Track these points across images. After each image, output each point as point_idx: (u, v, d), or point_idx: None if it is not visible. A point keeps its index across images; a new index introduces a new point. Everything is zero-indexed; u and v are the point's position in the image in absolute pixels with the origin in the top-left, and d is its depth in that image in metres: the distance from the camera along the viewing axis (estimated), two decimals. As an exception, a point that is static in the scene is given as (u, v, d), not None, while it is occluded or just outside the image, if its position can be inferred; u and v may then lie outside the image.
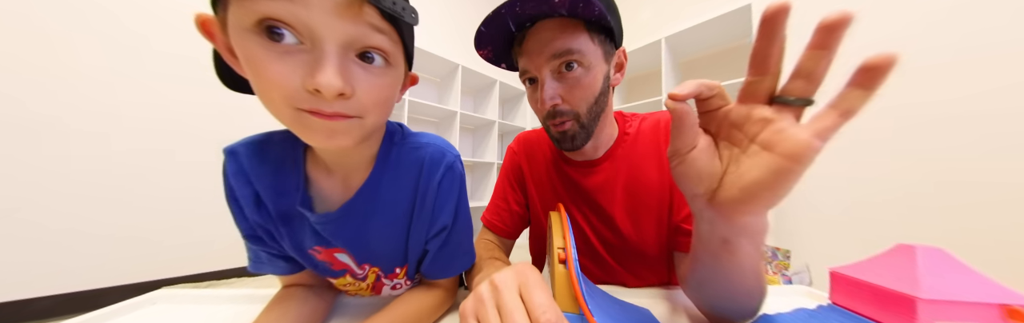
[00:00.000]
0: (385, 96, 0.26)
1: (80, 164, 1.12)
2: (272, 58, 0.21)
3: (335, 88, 0.21)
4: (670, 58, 1.67)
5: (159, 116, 1.27)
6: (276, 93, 0.22)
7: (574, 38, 0.36)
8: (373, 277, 0.39)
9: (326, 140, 0.24)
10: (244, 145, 0.33)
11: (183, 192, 1.31)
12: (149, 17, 1.25)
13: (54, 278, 1.08)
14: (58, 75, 1.09)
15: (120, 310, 0.36)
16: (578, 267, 0.26)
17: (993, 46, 0.97)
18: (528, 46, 0.38)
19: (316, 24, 0.20)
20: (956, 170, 1.01)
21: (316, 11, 0.20)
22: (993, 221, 0.94)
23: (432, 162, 0.34)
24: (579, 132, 0.40)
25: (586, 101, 0.39)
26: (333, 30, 0.21)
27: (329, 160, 0.33)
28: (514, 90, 2.53)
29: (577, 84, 0.38)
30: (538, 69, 0.38)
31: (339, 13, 0.21)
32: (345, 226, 0.33)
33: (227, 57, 0.25)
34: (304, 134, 0.24)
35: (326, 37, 0.21)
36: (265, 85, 0.22)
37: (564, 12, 0.35)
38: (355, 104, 0.23)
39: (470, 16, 2.61)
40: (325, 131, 0.23)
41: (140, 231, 1.22)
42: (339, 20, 0.21)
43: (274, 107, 0.23)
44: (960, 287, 0.26)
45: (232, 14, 0.21)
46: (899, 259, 0.30)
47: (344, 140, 0.25)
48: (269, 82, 0.21)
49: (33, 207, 1.05)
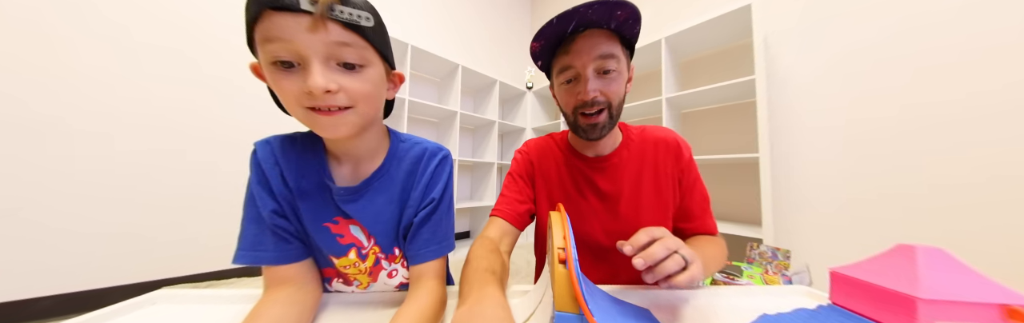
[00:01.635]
0: (368, 90, 0.33)
1: (81, 164, 1.12)
2: (284, 77, 0.30)
3: (320, 87, 0.29)
4: (670, 58, 1.67)
5: (160, 116, 1.27)
6: (290, 99, 0.31)
7: (615, 46, 0.46)
8: (373, 258, 0.43)
9: (331, 131, 0.33)
10: (275, 138, 0.41)
11: (183, 192, 1.31)
12: (149, 18, 1.25)
13: (54, 278, 1.08)
14: (59, 75, 1.09)
15: (120, 310, 0.36)
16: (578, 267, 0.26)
17: (994, 46, 0.97)
18: (578, 46, 0.46)
19: (300, 48, 0.28)
20: (956, 170, 1.01)
21: (298, 38, 0.28)
22: (993, 221, 0.94)
23: (431, 153, 0.45)
24: (607, 123, 0.49)
25: (617, 98, 0.48)
26: (311, 49, 0.29)
27: (339, 151, 0.41)
28: (514, 90, 2.53)
29: (612, 83, 0.47)
30: (584, 66, 0.46)
31: (312, 31, 0.28)
32: (362, 198, 0.41)
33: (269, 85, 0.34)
34: (314, 127, 0.33)
35: (308, 55, 0.29)
36: (283, 95, 0.31)
37: (613, 25, 0.45)
38: (343, 97, 0.31)
39: (470, 17, 2.61)
40: (329, 124, 0.32)
41: (140, 231, 1.22)
42: (313, 38, 0.29)
43: (292, 110, 0.32)
44: (960, 287, 0.26)
45: (260, 58, 0.31)
46: (899, 259, 0.30)
47: (344, 130, 0.33)
48: (285, 92, 0.31)
49: (34, 207, 1.05)
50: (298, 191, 0.39)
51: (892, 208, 1.11)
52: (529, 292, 0.39)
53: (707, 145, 1.65)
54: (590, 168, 0.55)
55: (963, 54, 1.01)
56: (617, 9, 0.42)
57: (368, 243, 0.43)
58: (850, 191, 1.20)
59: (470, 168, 2.52)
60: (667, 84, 1.61)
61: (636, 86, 2.13)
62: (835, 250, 1.23)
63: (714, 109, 1.68)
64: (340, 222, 0.41)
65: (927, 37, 1.08)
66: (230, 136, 1.43)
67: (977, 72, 0.99)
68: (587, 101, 0.46)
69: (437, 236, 0.42)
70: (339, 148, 0.41)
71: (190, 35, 1.34)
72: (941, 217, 1.02)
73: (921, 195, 1.06)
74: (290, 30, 0.28)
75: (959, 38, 1.02)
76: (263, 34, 0.29)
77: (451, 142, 2.09)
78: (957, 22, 1.03)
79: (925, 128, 1.07)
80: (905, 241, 0.32)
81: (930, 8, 1.08)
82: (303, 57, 0.29)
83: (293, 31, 0.28)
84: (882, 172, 1.14)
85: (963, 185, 0.99)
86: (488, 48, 2.73)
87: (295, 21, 0.28)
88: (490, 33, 2.77)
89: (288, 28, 0.28)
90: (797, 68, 1.36)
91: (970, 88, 1.00)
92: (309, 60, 0.29)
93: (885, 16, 1.16)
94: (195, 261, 1.34)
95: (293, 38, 0.28)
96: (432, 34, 2.32)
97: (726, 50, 1.65)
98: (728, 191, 1.55)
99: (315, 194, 0.40)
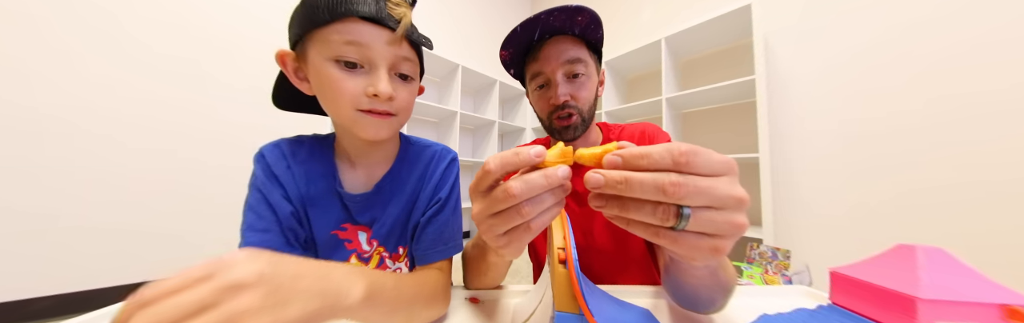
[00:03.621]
0: (411, 101, 0.39)
1: (81, 163, 1.12)
2: (345, 77, 0.33)
3: (387, 93, 0.33)
4: (670, 58, 1.67)
5: (161, 117, 1.27)
6: (344, 100, 0.33)
7: (581, 51, 0.48)
8: (377, 259, 0.43)
9: (374, 132, 0.36)
10: (284, 141, 0.42)
11: (183, 192, 1.31)
12: (149, 18, 1.25)
13: (54, 278, 1.08)
14: (59, 76, 1.09)
15: (120, 310, 0.36)
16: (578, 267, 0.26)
17: (995, 46, 0.97)
18: (546, 52, 0.47)
19: (374, 55, 0.33)
20: (956, 170, 1.01)
21: (376, 46, 0.33)
22: (993, 221, 0.94)
23: (440, 156, 0.46)
24: (580, 124, 0.50)
25: (587, 101, 0.49)
26: (384, 59, 0.34)
27: (356, 154, 0.42)
28: (514, 90, 2.53)
29: (582, 87, 0.48)
30: (553, 71, 0.47)
31: (390, 44, 0.34)
32: (375, 204, 0.41)
33: (293, 79, 0.37)
34: (358, 128, 0.35)
35: (380, 64, 0.34)
36: (336, 95, 0.33)
37: (577, 31, 0.47)
38: (395, 105, 0.36)
39: (470, 17, 2.62)
40: (374, 126, 0.35)
41: (140, 231, 1.22)
42: (388, 49, 0.34)
43: (339, 110, 0.35)
44: (960, 287, 0.26)
45: (315, 51, 0.33)
46: (899, 259, 0.30)
47: (384, 133, 0.37)
48: (341, 92, 0.33)
49: (34, 207, 1.05)
50: (307, 198, 0.39)
51: (892, 208, 1.11)
52: (529, 292, 0.39)
53: (707, 145, 1.61)
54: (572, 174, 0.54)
55: (964, 53, 1.01)
56: (577, 15, 0.44)
57: (372, 246, 0.43)
58: (850, 191, 1.20)
59: (470, 168, 2.52)
60: (667, 84, 1.61)
61: (636, 86, 2.13)
62: (835, 250, 1.23)
63: (714, 109, 1.68)
64: (349, 229, 0.41)
65: (927, 37, 1.08)
66: (231, 136, 1.43)
67: (978, 72, 0.99)
68: (558, 105, 0.48)
69: (444, 237, 0.41)
70: (360, 152, 0.42)
71: (190, 35, 1.33)
72: (941, 217, 1.02)
73: (921, 195, 1.06)
74: (371, 38, 0.33)
75: (960, 37, 1.02)
76: (341, 35, 0.32)
77: (451, 142, 2.09)
78: (958, 21, 1.03)
79: (925, 128, 1.07)
80: (905, 241, 0.32)
81: (930, 7, 1.08)
82: (373, 63, 0.33)
83: (373, 40, 0.33)
84: (882, 172, 1.14)
85: (963, 185, 0.99)
86: (488, 48, 2.73)
87: (378, 33, 0.33)
88: (490, 33, 2.77)
89: (370, 36, 0.33)
90: (797, 68, 1.36)
91: (971, 88, 1.00)
92: (378, 67, 0.34)
93: (885, 16, 1.16)
94: (195, 261, 1.33)
95: (372, 46, 0.33)
96: (432, 34, 2.31)
97: (726, 50, 1.65)
98: (728, 191, 1.54)
99: (323, 201, 0.40)
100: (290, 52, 0.36)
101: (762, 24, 1.36)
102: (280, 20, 1.56)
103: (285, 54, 0.36)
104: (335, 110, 0.35)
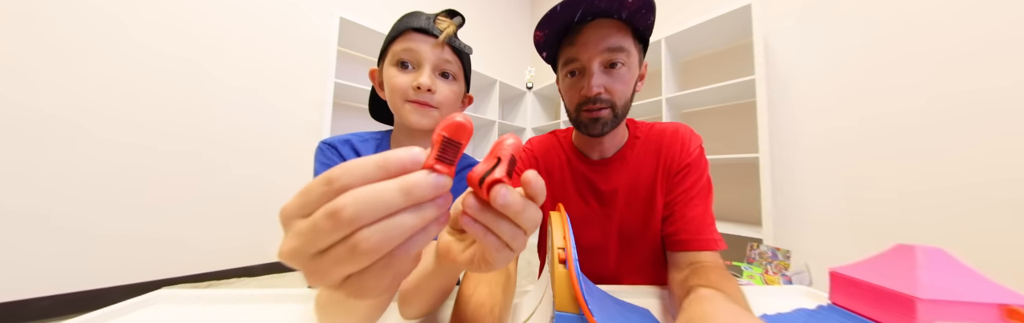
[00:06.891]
0: (451, 97, 0.46)
1: (81, 164, 1.12)
2: (399, 74, 0.43)
3: (427, 84, 0.42)
4: (670, 58, 1.67)
5: (161, 117, 1.27)
6: (398, 91, 0.43)
7: (625, 39, 0.42)
8: None
9: (417, 120, 0.44)
10: (349, 136, 0.49)
11: (184, 192, 1.31)
12: (149, 19, 1.25)
13: (54, 278, 1.08)
14: (60, 76, 1.09)
15: (120, 310, 0.36)
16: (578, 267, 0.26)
17: (996, 45, 0.97)
18: (585, 37, 0.42)
19: (421, 56, 0.43)
20: (956, 170, 1.01)
21: (423, 49, 0.42)
22: (993, 221, 0.94)
23: None
24: (611, 120, 0.45)
25: (624, 95, 0.45)
26: (428, 59, 0.43)
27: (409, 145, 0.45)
28: (514, 90, 2.53)
29: (619, 79, 0.44)
30: (590, 59, 0.43)
31: (434, 47, 0.43)
32: None
33: (377, 89, 0.49)
34: (406, 115, 0.44)
35: (424, 63, 0.43)
36: (392, 88, 0.44)
37: (624, 15, 0.41)
38: (435, 98, 0.44)
39: (470, 17, 2.61)
40: (417, 114, 0.44)
41: (140, 231, 1.22)
42: (432, 52, 0.43)
43: (393, 100, 0.44)
44: (960, 287, 0.26)
45: (386, 61, 0.45)
46: (899, 259, 0.30)
47: (426, 121, 0.44)
48: (395, 86, 0.43)
49: (34, 207, 1.05)
50: None
51: (892, 208, 1.11)
52: (529, 292, 0.39)
53: (707, 145, 1.64)
54: (592, 171, 0.53)
55: (964, 53, 1.01)
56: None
57: None
58: (850, 191, 1.20)
59: (470, 168, 2.52)
60: (667, 84, 1.61)
61: (636, 86, 2.13)
62: (835, 250, 1.23)
63: (714, 109, 1.68)
64: None
65: (928, 36, 1.08)
66: (231, 137, 1.43)
67: (979, 71, 0.99)
68: (590, 97, 0.43)
69: None
70: (411, 143, 0.48)
71: (190, 35, 1.33)
72: (941, 217, 1.02)
73: (921, 195, 1.06)
74: (419, 43, 0.42)
75: (960, 37, 1.02)
76: (401, 45, 0.43)
77: (451, 142, 2.09)
78: (958, 21, 1.03)
79: (925, 127, 1.06)
80: (905, 241, 0.32)
81: (931, 7, 1.08)
82: (420, 63, 0.43)
83: (420, 44, 0.42)
84: (882, 172, 1.14)
85: (963, 185, 0.99)
86: (488, 48, 2.73)
87: (425, 39, 0.43)
88: (490, 33, 2.76)
89: (419, 42, 0.42)
90: (797, 68, 1.36)
91: (972, 87, 1.00)
92: (423, 65, 0.43)
93: (885, 15, 1.16)
94: (195, 261, 1.33)
95: (419, 49, 0.42)
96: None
97: (726, 50, 1.65)
98: (728, 191, 1.54)
99: None
100: (376, 68, 0.47)
101: (762, 24, 1.36)
102: (286, 22, 1.57)
103: (373, 71, 0.48)
104: (391, 101, 0.44)
